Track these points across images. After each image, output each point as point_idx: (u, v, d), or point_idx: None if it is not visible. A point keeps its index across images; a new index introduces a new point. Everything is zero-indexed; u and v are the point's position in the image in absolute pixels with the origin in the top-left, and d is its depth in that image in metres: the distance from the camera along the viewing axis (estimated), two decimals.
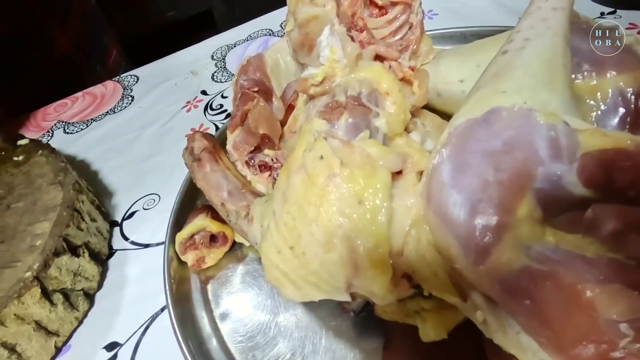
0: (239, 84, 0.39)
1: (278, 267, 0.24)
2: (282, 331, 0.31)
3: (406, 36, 0.34)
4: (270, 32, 0.65)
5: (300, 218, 0.23)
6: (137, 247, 0.41)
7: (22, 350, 0.32)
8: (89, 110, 0.61)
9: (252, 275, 0.35)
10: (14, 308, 0.31)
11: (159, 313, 0.35)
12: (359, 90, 0.27)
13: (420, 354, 0.25)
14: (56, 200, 0.38)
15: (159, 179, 0.47)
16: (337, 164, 0.22)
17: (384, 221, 0.22)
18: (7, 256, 0.34)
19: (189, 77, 0.61)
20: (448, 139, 0.25)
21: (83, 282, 0.36)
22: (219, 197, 0.33)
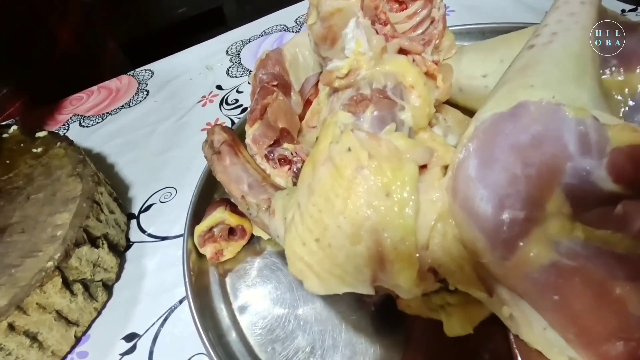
0: (258, 78, 0.39)
1: (302, 259, 0.24)
2: (302, 325, 0.31)
3: (428, 30, 0.33)
4: (285, 27, 0.65)
5: (326, 210, 0.22)
6: (155, 239, 0.41)
7: (43, 339, 0.32)
8: (104, 104, 0.61)
9: (270, 268, 0.35)
10: (36, 297, 0.31)
11: (177, 305, 0.35)
12: (385, 83, 0.26)
13: (443, 349, 0.25)
14: (75, 191, 0.39)
15: (175, 172, 0.47)
16: (365, 156, 0.22)
17: (412, 214, 0.22)
18: (28, 246, 0.35)
19: (203, 72, 0.61)
20: (474, 133, 0.25)
21: (102, 273, 0.36)
22: (239, 190, 0.33)
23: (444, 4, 0.34)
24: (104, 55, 0.72)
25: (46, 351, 0.32)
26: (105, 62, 0.72)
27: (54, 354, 0.33)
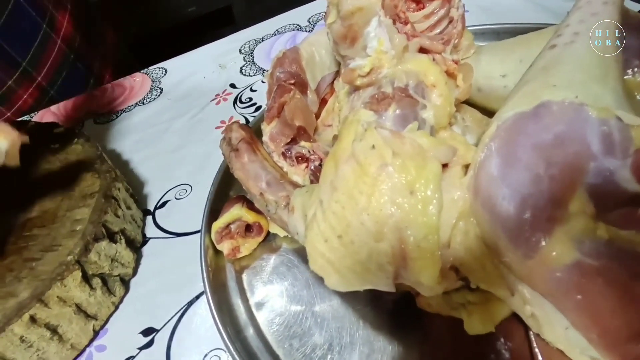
0: (275, 76, 0.39)
1: (324, 255, 0.24)
2: (319, 322, 0.31)
3: (447, 30, 0.33)
4: (298, 27, 0.65)
5: (350, 207, 0.23)
6: (170, 235, 0.41)
7: (63, 332, 0.32)
8: (118, 101, 0.62)
9: (286, 265, 0.35)
10: (56, 290, 0.31)
11: (194, 300, 0.35)
12: (406, 82, 0.26)
13: (462, 348, 0.25)
14: (93, 187, 0.39)
15: (190, 169, 0.47)
16: (390, 154, 0.22)
17: (435, 212, 0.22)
18: (48, 240, 0.35)
19: (217, 70, 0.62)
20: (496, 132, 0.25)
21: (120, 268, 0.37)
22: (257, 187, 0.33)
23: (462, 4, 0.34)
24: (103, 46, 0.71)
25: (66, 344, 0.33)
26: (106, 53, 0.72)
27: (73, 347, 0.33)
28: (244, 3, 1.77)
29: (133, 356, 0.33)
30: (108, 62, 0.70)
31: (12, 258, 0.34)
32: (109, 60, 0.71)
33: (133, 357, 0.33)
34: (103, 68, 0.70)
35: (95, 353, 0.34)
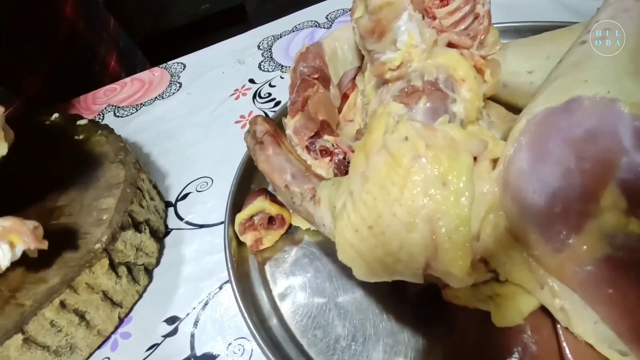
0: (299, 70, 0.40)
1: (354, 246, 0.24)
2: (342, 313, 0.31)
3: (472, 26, 0.33)
4: (317, 23, 0.66)
5: (382, 198, 0.23)
6: (192, 227, 0.42)
7: (90, 318, 0.33)
8: (137, 95, 0.63)
9: (308, 258, 0.36)
10: (85, 277, 0.32)
11: (217, 290, 0.36)
12: (436, 76, 0.27)
13: (488, 341, 0.25)
14: (118, 177, 0.40)
15: (211, 163, 0.48)
16: (423, 146, 0.22)
17: (467, 204, 0.22)
18: (76, 228, 0.36)
19: (235, 65, 0.62)
20: (526, 126, 0.25)
21: (144, 258, 0.37)
22: (282, 180, 0.33)
23: (488, 0, 0.34)
24: (107, 32, 0.72)
25: (92, 330, 0.33)
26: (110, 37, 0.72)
27: (99, 333, 0.34)
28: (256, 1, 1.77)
29: (158, 344, 0.33)
30: (112, 48, 0.70)
31: None
32: (113, 47, 0.71)
33: (158, 344, 0.33)
34: (107, 54, 0.70)
35: (121, 340, 0.34)
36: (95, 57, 0.68)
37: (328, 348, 0.30)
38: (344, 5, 0.68)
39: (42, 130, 0.49)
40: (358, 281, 0.33)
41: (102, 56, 0.69)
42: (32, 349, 0.30)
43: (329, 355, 0.29)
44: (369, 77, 0.33)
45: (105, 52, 0.70)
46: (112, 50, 0.70)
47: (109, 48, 0.70)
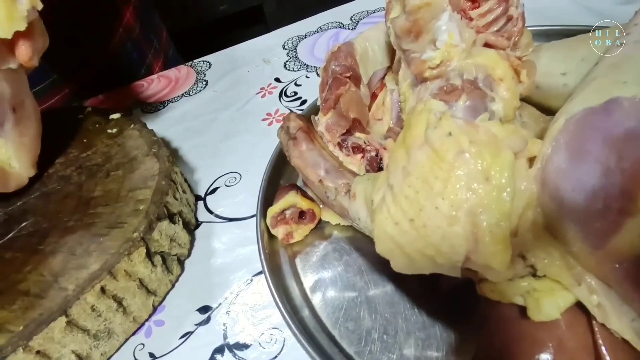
0: (331, 69, 0.40)
1: (393, 238, 0.25)
2: (373, 307, 0.32)
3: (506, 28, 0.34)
4: (341, 24, 0.66)
5: (424, 191, 0.24)
6: (222, 220, 0.43)
7: (127, 304, 0.34)
8: (164, 92, 0.64)
9: (338, 252, 0.36)
10: (124, 264, 0.33)
11: (249, 282, 0.37)
12: (475, 75, 0.27)
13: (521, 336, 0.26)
14: (153, 170, 0.41)
15: (239, 158, 0.49)
16: (466, 141, 0.23)
17: (509, 199, 0.23)
18: (113, 217, 0.37)
19: (260, 65, 0.63)
20: (565, 126, 0.25)
21: (177, 248, 0.38)
22: (316, 175, 0.34)
23: (522, 3, 0.34)
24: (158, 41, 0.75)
25: (129, 316, 0.34)
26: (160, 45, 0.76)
27: (135, 320, 0.35)
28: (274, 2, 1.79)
29: (191, 332, 0.34)
30: (159, 56, 0.74)
31: (81, 233, 0.36)
32: (160, 54, 0.75)
33: (191, 332, 0.34)
34: (154, 60, 0.74)
35: (154, 327, 0.35)
36: (142, 61, 0.71)
37: (360, 340, 0.30)
38: (367, 7, 0.68)
39: (76, 123, 0.50)
40: (388, 276, 0.34)
41: (149, 61, 0.73)
42: (73, 332, 0.31)
43: (360, 347, 0.30)
44: (403, 76, 0.34)
45: (153, 58, 0.73)
46: (159, 58, 0.75)
47: (156, 55, 0.74)
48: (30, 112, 0.42)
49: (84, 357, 0.32)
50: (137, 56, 0.70)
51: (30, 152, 0.42)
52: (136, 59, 0.70)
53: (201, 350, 0.33)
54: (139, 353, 0.34)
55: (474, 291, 0.29)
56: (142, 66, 0.71)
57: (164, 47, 0.77)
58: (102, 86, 0.66)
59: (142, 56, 0.71)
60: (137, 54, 0.70)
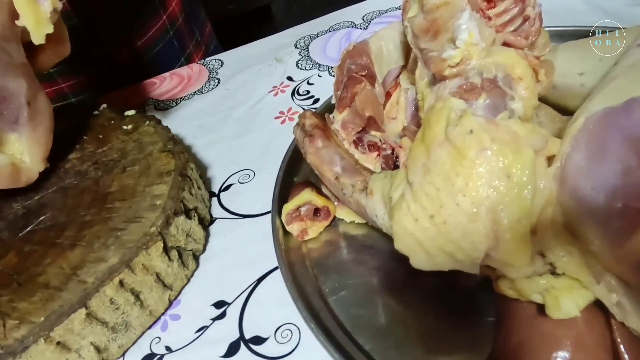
0: (346, 67, 0.41)
1: (413, 235, 0.25)
2: (389, 304, 0.32)
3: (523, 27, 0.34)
4: (353, 24, 0.67)
5: (445, 188, 0.24)
6: (236, 217, 0.43)
7: (144, 298, 0.34)
8: (177, 89, 0.65)
9: (353, 249, 0.37)
10: (142, 258, 0.33)
11: (263, 277, 0.37)
12: (495, 74, 0.27)
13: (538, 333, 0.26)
14: (169, 166, 0.41)
15: (252, 156, 0.49)
16: (488, 139, 0.23)
17: (530, 197, 0.23)
18: (130, 212, 0.37)
19: (272, 63, 0.64)
20: (585, 125, 0.25)
21: (192, 244, 0.39)
22: (332, 172, 0.34)
23: (539, 3, 0.34)
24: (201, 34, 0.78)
25: (145, 310, 0.35)
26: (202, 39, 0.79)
27: (151, 314, 0.35)
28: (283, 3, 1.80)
29: (207, 326, 0.35)
30: (200, 48, 0.78)
31: (98, 227, 0.37)
32: (202, 47, 0.78)
33: (207, 327, 0.35)
34: (195, 51, 0.77)
35: (170, 321, 0.36)
36: (183, 51, 0.75)
37: (375, 336, 0.31)
38: (379, 7, 0.69)
39: (91, 119, 0.51)
40: (403, 273, 0.34)
41: (190, 52, 0.76)
42: (92, 324, 0.31)
43: (376, 344, 0.30)
44: (420, 75, 0.34)
45: (193, 49, 0.77)
46: (200, 50, 0.78)
47: (197, 47, 0.77)
48: (44, 105, 0.42)
49: (102, 349, 0.33)
50: (178, 45, 0.73)
51: (42, 146, 0.42)
52: (177, 48, 0.73)
53: (217, 344, 0.33)
54: (156, 346, 0.34)
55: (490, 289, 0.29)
56: (182, 56, 0.74)
57: (206, 40, 0.81)
58: (137, 70, 0.68)
59: (183, 46, 0.74)
60: (178, 44, 0.73)
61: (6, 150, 0.40)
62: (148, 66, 0.70)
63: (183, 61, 0.75)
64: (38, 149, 0.42)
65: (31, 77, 0.41)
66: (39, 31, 0.36)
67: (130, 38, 0.69)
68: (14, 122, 0.39)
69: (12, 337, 0.29)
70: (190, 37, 0.76)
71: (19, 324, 0.30)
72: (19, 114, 0.40)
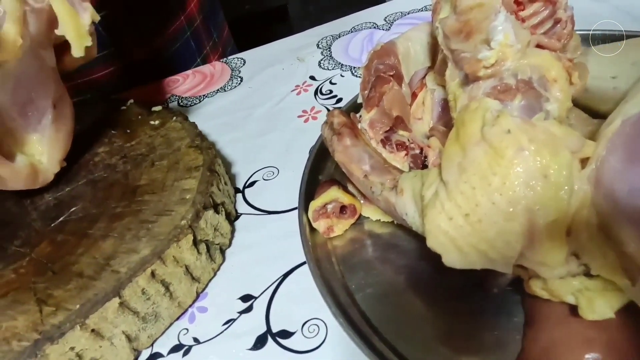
0: (374, 67, 0.41)
1: (447, 233, 0.25)
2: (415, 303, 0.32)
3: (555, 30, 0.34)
4: (375, 25, 0.67)
5: (481, 187, 0.24)
6: (261, 212, 0.43)
7: (173, 289, 0.35)
8: (199, 87, 0.65)
9: (379, 247, 0.37)
10: (173, 250, 0.34)
11: (289, 273, 0.37)
12: (530, 75, 0.28)
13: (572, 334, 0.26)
14: (197, 161, 0.42)
15: (275, 154, 0.50)
16: (526, 139, 0.23)
17: (566, 198, 0.23)
18: (160, 205, 0.38)
19: (295, 63, 0.64)
20: (621, 127, 0.26)
21: (219, 238, 0.39)
22: (361, 170, 0.35)
23: (571, 6, 0.34)
24: (219, 35, 0.79)
25: (174, 301, 0.35)
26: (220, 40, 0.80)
27: (180, 305, 0.36)
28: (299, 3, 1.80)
29: (234, 319, 0.35)
30: (217, 49, 0.79)
31: (129, 219, 0.38)
32: (218, 48, 0.79)
33: (234, 319, 0.35)
34: (211, 52, 0.78)
35: (198, 314, 0.36)
36: (200, 52, 0.75)
37: (401, 333, 0.31)
38: (401, 9, 0.69)
39: (119, 114, 0.52)
40: (429, 272, 0.34)
41: (207, 52, 0.77)
42: (125, 313, 0.32)
43: (404, 340, 0.30)
44: (451, 75, 0.34)
45: (210, 51, 0.78)
46: (217, 51, 0.79)
47: (214, 48, 0.78)
48: (67, 107, 0.43)
49: (133, 338, 0.33)
50: (195, 46, 0.74)
51: (61, 148, 0.43)
52: (193, 48, 0.74)
53: (245, 336, 0.34)
54: (184, 337, 0.35)
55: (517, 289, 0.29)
56: (199, 56, 0.75)
57: (224, 42, 0.82)
58: (153, 68, 0.69)
59: (199, 47, 0.75)
60: (195, 44, 0.74)
61: (27, 151, 0.40)
62: (164, 65, 0.71)
63: (199, 62, 0.75)
64: (57, 150, 0.42)
65: (58, 80, 0.42)
66: (79, 43, 0.37)
67: (148, 36, 0.70)
68: (37, 123, 0.41)
69: (49, 323, 0.30)
70: (208, 38, 0.77)
71: (55, 311, 0.31)
72: (44, 116, 0.41)
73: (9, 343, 0.29)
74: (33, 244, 0.38)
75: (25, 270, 0.35)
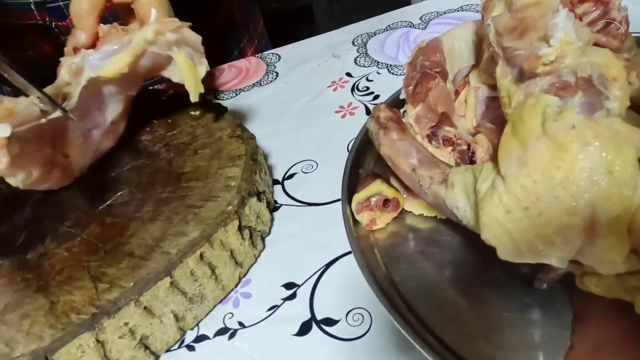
0: (420, 63, 0.41)
1: (504, 226, 0.26)
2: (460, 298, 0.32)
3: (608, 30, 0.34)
4: (411, 24, 0.67)
5: (543, 181, 0.24)
6: (301, 204, 0.44)
7: (218, 272, 0.36)
8: (235, 81, 0.67)
9: (421, 241, 0.37)
10: (220, 234, 0.35)
11: (331, 263, 0.38)
12: (590, 73, 0.28)
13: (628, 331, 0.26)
14: (239, 151, 0.43)
15: (314, 147, 0.50)
16: (591, 134, 0.23)
17: (630, 194, 0.23)
18: (205, 192, 0.39)
19: (330, 59, 0.65)
20: None
21: (261, 225, 0.40)
22: (408, 164, 0.35)
23: (625, 6, 0.34)
24: (254, 28, 0.81)
25: (219, 284, 0.36)
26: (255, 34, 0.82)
27: (223, 289, 0.37)
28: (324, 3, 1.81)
29: (278, 305, 0.36)
30: (253, 42, 0.81)
31: (175, 204, 0.39)
32: (254, 41, 0.81)
33: (278, 306, 0.36)
34: (247, 45, 0.80)
35: (242, 299, 0.37)
36: (237, 45, 0.78)
37: (447, 326, 0.31)
38: (437, 9, 0.69)
39: (160, 104, 0.53)
40: (472, 267, 0.34)
41: (243, 45, 0.79)
42: (174, 293, 0.33)
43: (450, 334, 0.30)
44: (503, 73, 0.34)
45: (246, 43, 0.80)
46: (252, 44, 0.81)
47: (250, 41, 0.81)
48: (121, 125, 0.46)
49: (180, 317, 0.34)
50: (233, 39, 0.77)
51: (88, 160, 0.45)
52: (232, 41, 0.76)
53: (289, 322, 0.34)
54: (229, 321, 0.35)
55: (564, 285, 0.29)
56: (236, 48, 0.77)
57: (259, 35, 0.84)
58: None
59: (237, 40, 0.77)
60: (233, 37, 0.77)
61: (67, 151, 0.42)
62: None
63: (236, 54, 0.77)
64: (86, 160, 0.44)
65: (130, 105, 0.45)
66: (196, 91, 0.42)
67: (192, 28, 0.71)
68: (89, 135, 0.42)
69: (105, 298, 0.31)
70: (244, 32, 0.79)
71: (109, 288, 0.32)
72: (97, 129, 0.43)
73: (68, 316, 0.30)
74: (83, 224, 0.39)
75: (77, 249, 0.36)
